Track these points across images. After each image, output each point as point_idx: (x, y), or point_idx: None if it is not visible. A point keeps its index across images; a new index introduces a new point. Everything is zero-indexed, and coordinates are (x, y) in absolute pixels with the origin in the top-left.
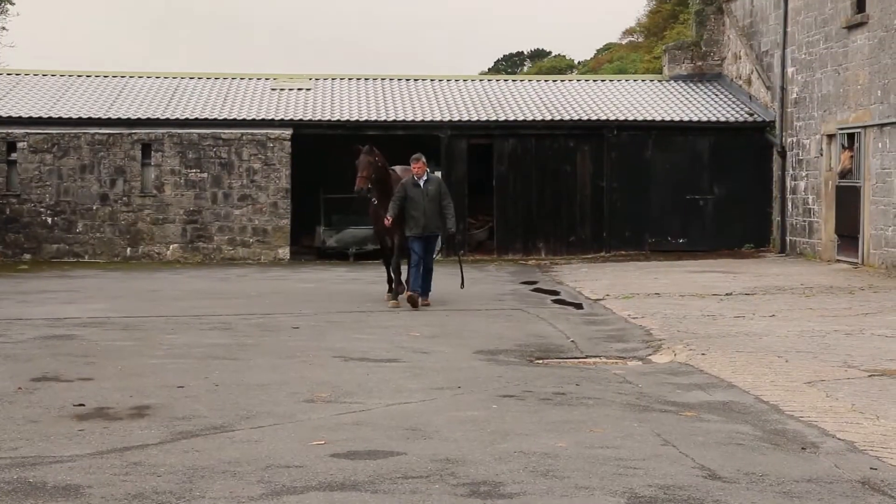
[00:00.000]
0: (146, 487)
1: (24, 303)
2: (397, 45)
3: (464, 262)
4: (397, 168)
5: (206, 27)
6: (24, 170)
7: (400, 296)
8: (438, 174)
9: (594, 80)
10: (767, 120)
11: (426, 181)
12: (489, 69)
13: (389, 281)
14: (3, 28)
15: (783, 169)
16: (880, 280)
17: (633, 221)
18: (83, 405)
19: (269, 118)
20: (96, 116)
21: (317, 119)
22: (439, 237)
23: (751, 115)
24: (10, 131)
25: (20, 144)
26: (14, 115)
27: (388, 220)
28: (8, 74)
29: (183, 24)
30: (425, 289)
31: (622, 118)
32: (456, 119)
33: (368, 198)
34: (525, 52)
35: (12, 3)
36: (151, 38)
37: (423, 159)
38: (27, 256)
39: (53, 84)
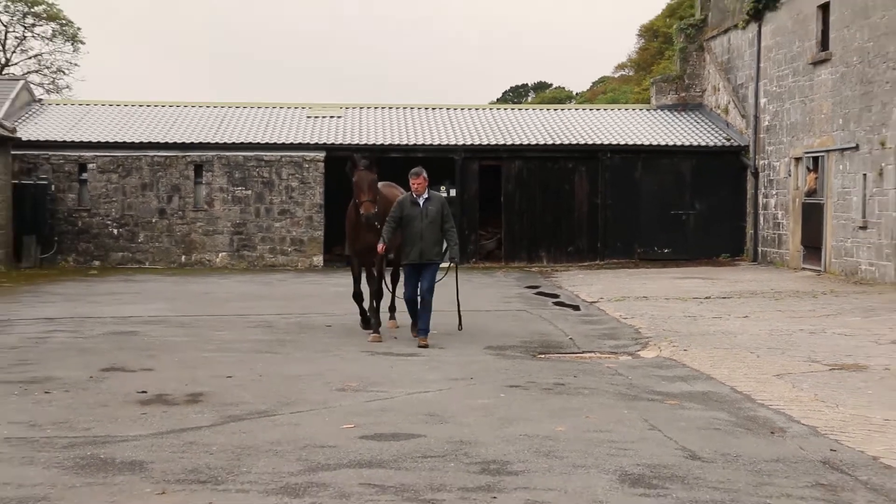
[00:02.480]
0: (200, 464)
1: (95, 303)
2: (416, 77)
3: (473, 270)
4: (380, 184)
5: (251, 62)
6: (93, 188)
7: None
8: (453, 192)
9: (590, 109)
10: (742, 145)
11: (426, 200)
12: (497, 99)
13: (363, 316)
14: (76, 64)
15: (756, 188)
16: (840, 286)
17: (625, 233)
18: (145, 392)
19: (305, 142)
20: (155, 141)
21: (347, 143)
22: (439, 267)
23: (728, 140)
24: (81, 154)
25: (90, 166)
26: (85, 140)
27: (381, 247)
28: (80, 104)
29: (231, 60)
30: (423, 327)
31: (615, 143)
32: (469, 143)
33: (374, 224)
34: (529, 84)
35: (83, 43)
36: (204, 71)
37: (424, 174)
38: (96, 263)
39: (118, 113)
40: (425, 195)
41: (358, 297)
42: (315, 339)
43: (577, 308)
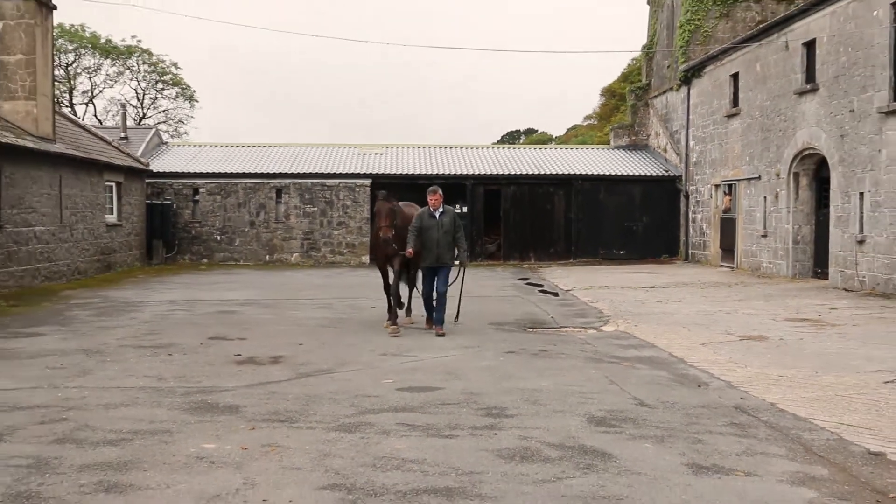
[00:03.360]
0: (279, 407)
1: (204, 290)
2: (437, 121)
3: (480, 267)
4: (400, 204)
5: (315, 111)
6: (203, 206)
7: (398, 321)
8: (465, 209)
9: (566, 148)
10: (677, 175)
11: (442, 213)
12: (497, 141)
13: (389, 309)
14: (192, 116)
15: (687, 206)
16: (748, 278)
17: (591, 240)
18: (240, 355)
19: (357, 172)
20: (248, 171)
21: (387, 172)
22: (451, 270)
23: (666, 171)
24: (195, 181)
25: (201, 190)
26: (197, 171)
27: (409, 252)
28: (194, 146)
29: (303, 110)
30: (439, 318)
31: (584, 173)
32: (476, 173)
33: (391, 244)
34: (520, 130)
35: (197, 101)
36: (284, 119)
37: (440, 191)
38: (205, 261)
39: (222, 151)
40: (440, 209)
41: (387, 288)
42: (363, 317)
43: (556, 294)
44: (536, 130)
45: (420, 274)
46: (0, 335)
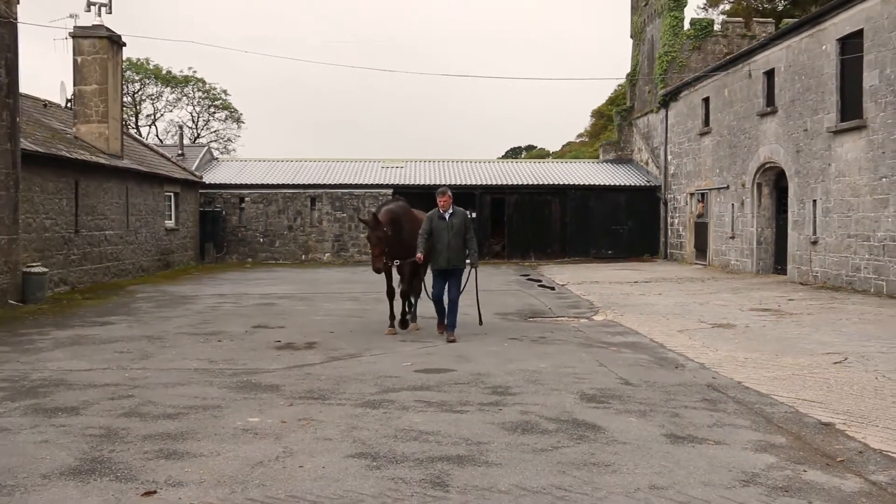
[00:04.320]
0: (314, 387)
1: (248, 285)
2: (449, 138)
3: (486, 265)
4: (415, 211)
5: (345, 130)
6: (248, 213)
7: (411, 323)
8: (473, 215)
9: (561, 162)
10: (657, 185)
11: (451, 214)
12: (502, 155)
13: (391, 316)
14: (238, 136)
15: (666, 212)
16: (718, 274)
17: (583, 241)
18: (279, 341)
19: (380, 183)
20: (286, 182)
21: (407, 183)
22: (464, 272)
23: (648, 182)
24: (241, 192)
25: (246, 199)
26: (243, 182)
27: (419, 257)
28: (241, 161)
29: (336, 130)
30: (451, 322)
31: (577, 183)
32: (484, 183)
33: (389, 265)
34: (522, 146)
35: (244, 122)
36: (315, 136)
37: (449, 192)
38: (249, 260)
39: (264, 165)
40: (450, 210)
41: (390, 293)
42: (386, 309)
43: (553, 288)
44: (536, 146)
45: (430, 277)
46: (77, 324)
